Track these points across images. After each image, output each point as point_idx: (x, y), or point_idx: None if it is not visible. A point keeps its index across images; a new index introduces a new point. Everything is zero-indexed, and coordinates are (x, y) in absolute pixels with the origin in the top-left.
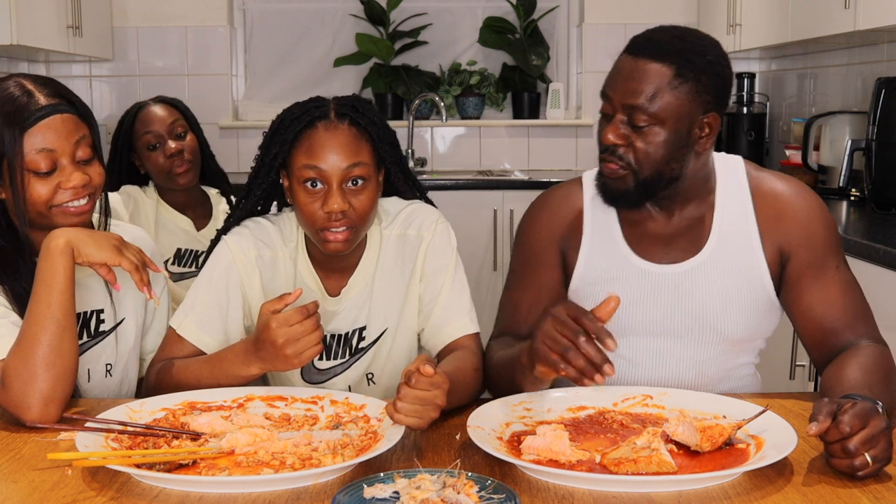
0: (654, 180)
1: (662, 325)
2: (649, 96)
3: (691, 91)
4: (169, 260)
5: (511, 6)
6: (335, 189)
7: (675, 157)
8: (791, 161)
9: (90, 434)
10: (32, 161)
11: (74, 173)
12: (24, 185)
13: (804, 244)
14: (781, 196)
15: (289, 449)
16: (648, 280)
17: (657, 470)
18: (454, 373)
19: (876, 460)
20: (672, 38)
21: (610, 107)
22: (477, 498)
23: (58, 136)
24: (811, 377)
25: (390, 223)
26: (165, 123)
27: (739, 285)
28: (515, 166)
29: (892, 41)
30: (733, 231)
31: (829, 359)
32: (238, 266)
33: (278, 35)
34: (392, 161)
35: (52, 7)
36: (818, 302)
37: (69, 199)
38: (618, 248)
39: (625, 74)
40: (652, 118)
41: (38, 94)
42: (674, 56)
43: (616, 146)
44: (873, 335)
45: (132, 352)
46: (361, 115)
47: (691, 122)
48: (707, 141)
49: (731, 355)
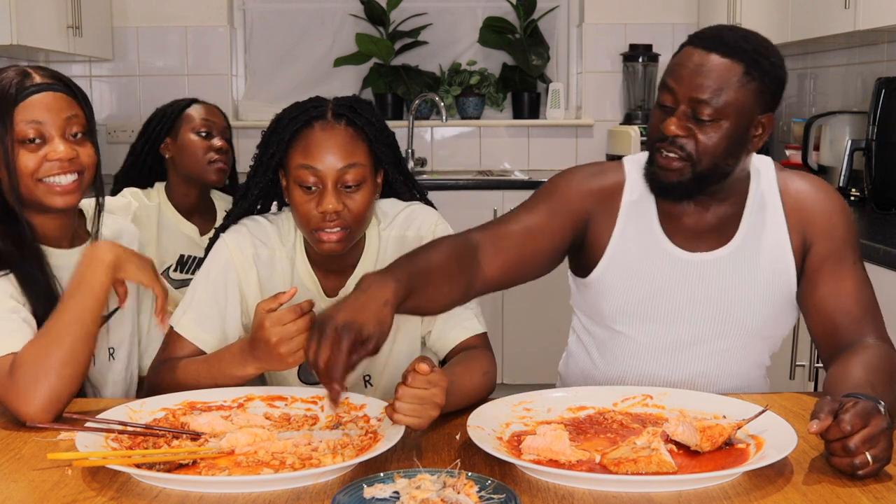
0: (709, 173)
1: (686, 313)
2: (717, 91)
3: (756, 90)
4: (171, 266)
5: (511, 6)
6: (330, 189)
7: (733, 153)
8: (791, 161)
9: (90, 434)
10: (21, 131)
11: (61, 145)
12: (14, 158)
13: (824, 236)
14: (806, 192)
15: (289, 449)
16: (678, 266)
17: (657, 470)
18: (460, 373)
19: (876, 460)
20: (739, 37)
21: (672, 98)
22: (477, 498)
23: (48, 110)
24: (811, 377)
25: (389, 224)
26: (221, 123)
27: (766, 276)
28: (515, 166)
29: (892, 41)
30: (763, 225)
31: (836, 353)
32: (236, 264)
33: (278, 35)
34: (390, 163)
35: (52, 7)
36: (832, 294)
37: (56, 171)
38: (653, 233)
39: (692, 68)
40: (717, 112)
41: (35, 74)
42: (743, 54)
43: (677, 137)
44: (881, 334)
45: (132, 336)
46: (359, 115)
47: (751, 120)
48: (760, 140)
49: (748, 350)
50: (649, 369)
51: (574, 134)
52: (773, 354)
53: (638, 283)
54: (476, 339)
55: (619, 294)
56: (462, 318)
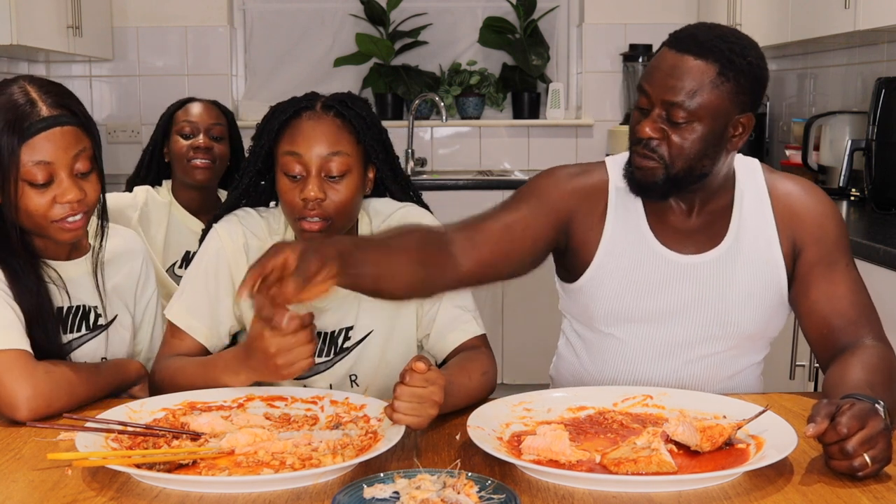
0: (684, 175)
1: (677, 316)
2: (690, 93)
3: (731, 91)
4: (177, 263)
5: (511, 6)
6: (313, 176)
7: (708, 154)
8: (791, 161)
9: (90, 434)
10: (29, 172)
11: (71, 188)
12: (17, 195)
13: (815, 240)
14: (795, 195)
15: (289, 449)
16: (669, 269)
17: (657, 470)
18: (459, 373)
19: (875, 461)
20: (714, 36)
21: (647, 101)
22: (477, 498)
23: (57, 148)
24: (811, 377)
25: (382, 223)
26: (206, 121)
27: (756, 279)
28: (515, 166)
29: (892, 41)
30: (752, 226)
31: (832, 356)
32: (227, 252)
33: (278, 35)
34: (380, 159)
35: (52, 7)
36: (825, 298)
37: (66, 214)
38: (641, 234)
39: (666, 70)
40: (691, 115)
41: (41, 103)
42: (717, 55)
43: (651, 139)
44: (878, 335)
45: (128, 348)
46: (348, 108)
47: (727, 121)
48: (739, 140)
49: (739, 352)
50: (640, 372)
51: (574, 134)
52: (766, 355)
53: (629, 286)
54: (475, 341)
55: (610, 297)
56: (460, 320)
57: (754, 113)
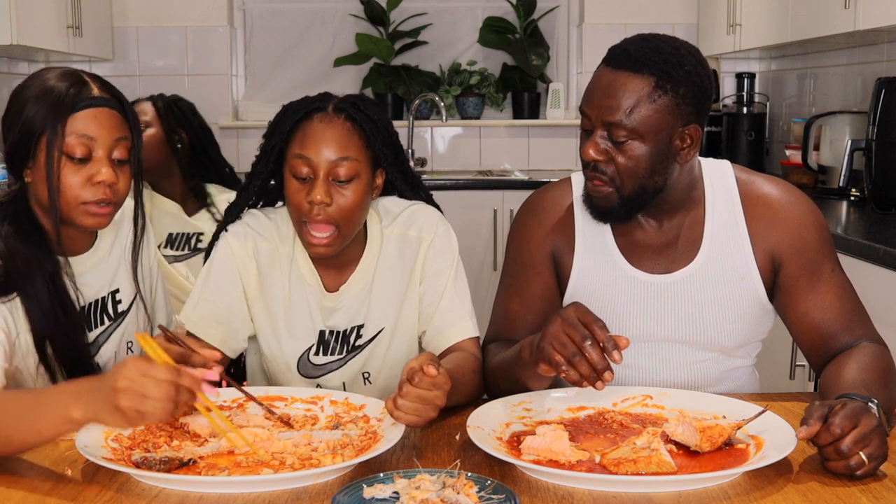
0: (637, 195)
1: (656, 334)
2: (627, 111)
3: (670, 103)
4: (161, 244)
5: (511, 6)
6: (321, 180)
7: (658, 170)
8: (791, 161)
9: (90, 434)
10: (70, 144)
11: (107, 168)
12: (59, 168)
13: (797, 251)
14: (771, 201)
15: (288, 449)
16: (641, 290)
17: (657, 470)
18: (454, 371)
19: (871, 458)
20: (649, 49)
21: (589, 122)
22: (477, 498)
23: (100, 126)
24: (811, 377)
25: (391, 222)
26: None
27: (732, 295)
28: (515, 166)
29: (892, 41)
30: (724, 240)
31: (826, 362)
32: (236, 259)
33: (278, 35)
34: (389, 162)
35: (52, 7)
36: (814, 308)
37: (97, 198)
38: (611, 258)
39: (602, 89)
40: (631, 133)
41: (93, 84)
42: (651, 68)
43: (597, 162)
44: (871, 335)
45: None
46: (360, 111)
47: (671, 134)
48: (689, 152)
49: (727, 359)
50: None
51: (574, 134)
52: (761, 352)
53: (603, 313)
54: (468, 343)
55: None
56: (458, 316)
57: (701, 122)
